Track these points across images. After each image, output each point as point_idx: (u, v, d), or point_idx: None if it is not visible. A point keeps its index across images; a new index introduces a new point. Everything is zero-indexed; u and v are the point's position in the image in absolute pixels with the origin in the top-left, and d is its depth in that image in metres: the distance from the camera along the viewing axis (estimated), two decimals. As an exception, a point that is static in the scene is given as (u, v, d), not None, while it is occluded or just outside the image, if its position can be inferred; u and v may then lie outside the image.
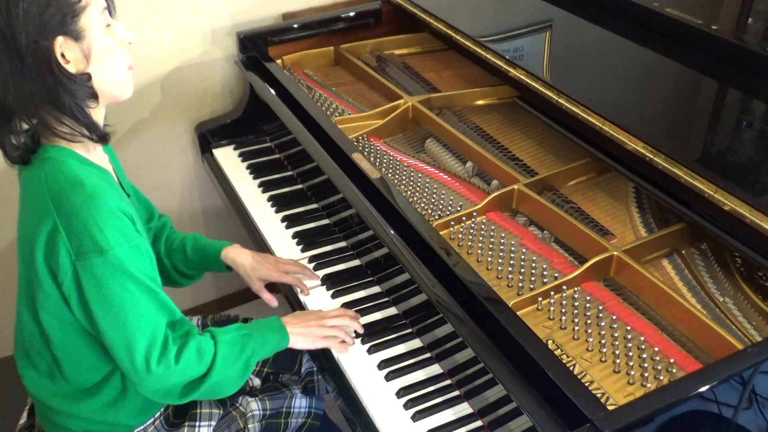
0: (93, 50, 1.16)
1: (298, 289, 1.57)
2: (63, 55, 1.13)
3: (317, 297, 1.57)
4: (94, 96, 1.19)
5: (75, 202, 1.15)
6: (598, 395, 1.16)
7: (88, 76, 1.17)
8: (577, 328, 1.30)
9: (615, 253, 1.37)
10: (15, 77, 1.11)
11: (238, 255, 1.56)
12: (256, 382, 1.54)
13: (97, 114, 1.23)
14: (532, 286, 1.38)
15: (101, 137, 1.23)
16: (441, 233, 1.46)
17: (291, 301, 1.59)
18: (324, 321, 1.43)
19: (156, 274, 1.26)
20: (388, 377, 1.37)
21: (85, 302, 1.17)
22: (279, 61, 2.09)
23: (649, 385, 1.20)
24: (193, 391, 1.26)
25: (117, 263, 1.15)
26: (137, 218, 1.26)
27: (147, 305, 1.19)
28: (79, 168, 1.20)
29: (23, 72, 1.11)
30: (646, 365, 1.22)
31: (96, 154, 1.28)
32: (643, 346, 1.25)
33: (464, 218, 1.52)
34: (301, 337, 1.39)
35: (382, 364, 1.40)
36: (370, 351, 1.43)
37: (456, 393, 1.34)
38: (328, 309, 1.50)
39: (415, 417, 1.29)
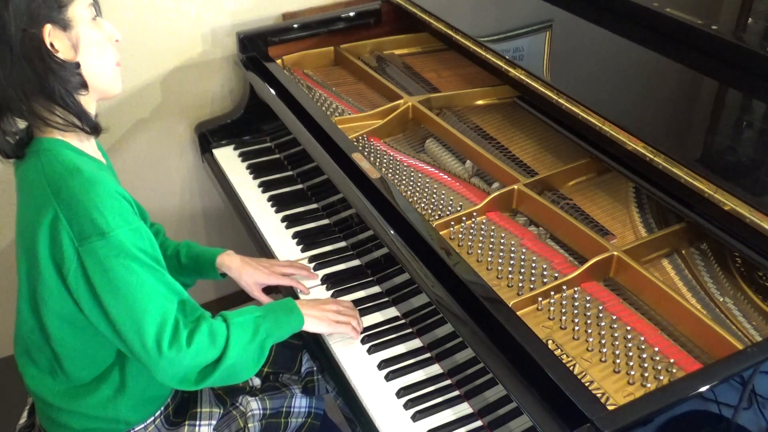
0: (81, 41, 1.19)
1: (298, 290, 1.57)
2: (52, 45, 1.15)
3: (317, 297, 1.57)
4: (84, 85, 1.21)
5: (74, 188, 1.15)
6: (598, 395, 1.17)
7: (77, 65, 1.19)
8: (577, 328, 1.30)
9: (615, 253, 1.37)
10: (4, 66, 1.13)
11: (233, 261, 1.56)
12: (256, 381, 1.54)
13: (89, 106, 1.24)
14: (532, 286, 1.38)
15: (93, 128, 1.24)
16: (441, 233, 1.46)
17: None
18: (340, 308, 1.44)
19: (159, 256, 1.26)
20: (388, 377, 1.37)
21: (93, 289, 1.17)
22: (279, 61, 2.09)
23: (649, 385, 1.20)
24: (209, 376, 1.24)
25: (119, 245, 1.16)
26: (135, 204, 1.27)
27: (154, 286, 1.19)
28: (75, 157, 1.21)
29: (12, 61, 1.13)
30: (646, 365, 1.22)
31: (89, 146, 1.29)
32: (643, 346, 1.25)
33: (464, 218, 1.52)
34: (316, 320, 1.39)
35: (382, 364, 1.40)
36: (370, 351, 1.43)
37: (456, 393, 1.34)
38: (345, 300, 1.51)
39: (415, 417, 1.29)
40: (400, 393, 1.34)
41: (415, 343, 1.44)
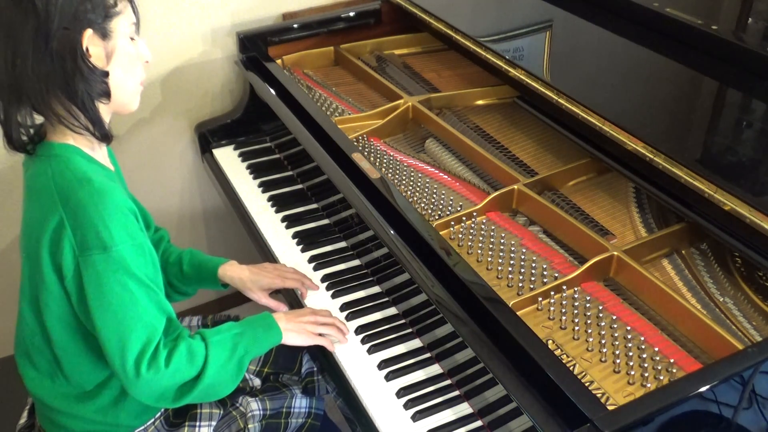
0: (115, 52, 1.20)
1: (299, 293, 1.57)
2: (87, 49, 1.16)
3: (317, 297, 1.57)
4: (108, 94, 1.21)
5: (82, 198, 1.16)
6: (598, 395, 1.17)
7: (106, 73, 1.20)
8: (577, 328, 1.30)
9: (615, 253, 1.37)
10: (35, 57, 1.13)
11: (235, 271, 1.55)
12: (256, 382, 1.54)
13: (104, 116, 1.24)
14: (532, 286, 1.38)
15: (104, 136, 1.24)
16: (441, 233, 1.46)
17: (293, 304, 1.59)
18: (317, 318, 1.44)
19: (158, 277, 1.26)
20: (388, 377, 1.37)
21: (85, 299, 1.17)
22: (279, 61, 2.09)
23: (649, 385, 1.20)
24: (187, 394, 1.24)
25: (120, 261, 1.16)
26: (140, 211, 1.27)
27: (146, 307, 1.19)
28: (85, 165, 1.21)
29: (45, 53, 1.13)
30: (646, 365, 1.22)
31: (100, 153, 1.29)
32: (643, 346, 1.25)
33: (464, 218, 1.52)
34: (294, 333, 1.39)
35: (382, 364, 1.40)
36: (370, 351, 1.43)
37: (456, 393, 1.34)
38: (320, 309, 1.50)
39: (415, 417, 1.29)
40: (400, 393, 1.34)
41: (415, 343, 1.44)
